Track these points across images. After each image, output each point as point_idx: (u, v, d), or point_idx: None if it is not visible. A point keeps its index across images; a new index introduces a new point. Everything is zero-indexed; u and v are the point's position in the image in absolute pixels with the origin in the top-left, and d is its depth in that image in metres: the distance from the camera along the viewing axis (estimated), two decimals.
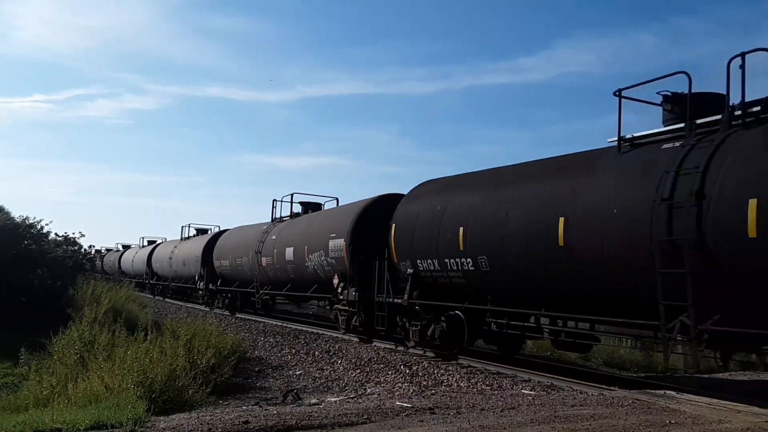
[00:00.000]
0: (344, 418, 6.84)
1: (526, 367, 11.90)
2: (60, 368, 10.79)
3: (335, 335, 16.73)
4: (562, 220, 9.36)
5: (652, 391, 8.87)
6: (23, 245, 20.67)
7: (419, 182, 13.67)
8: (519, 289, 10.65)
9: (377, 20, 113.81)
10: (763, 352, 8.68)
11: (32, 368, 11.15)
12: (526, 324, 10.88)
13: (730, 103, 8.14)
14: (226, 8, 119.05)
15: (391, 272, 13.71)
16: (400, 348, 13.81)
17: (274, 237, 20.57)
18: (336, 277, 16.11)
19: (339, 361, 12.94)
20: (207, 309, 26.37)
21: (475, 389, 9.71)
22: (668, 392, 8.69)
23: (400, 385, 10.47)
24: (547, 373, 11.19)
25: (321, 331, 17.89)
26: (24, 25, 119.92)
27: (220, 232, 28.21)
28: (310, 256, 17.66)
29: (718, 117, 8.28)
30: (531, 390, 9.33)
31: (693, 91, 8.56)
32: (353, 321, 15.39)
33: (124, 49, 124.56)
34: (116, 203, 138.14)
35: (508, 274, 10.62)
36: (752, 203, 7.04)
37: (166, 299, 33.45)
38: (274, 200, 22.72)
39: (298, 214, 21.49)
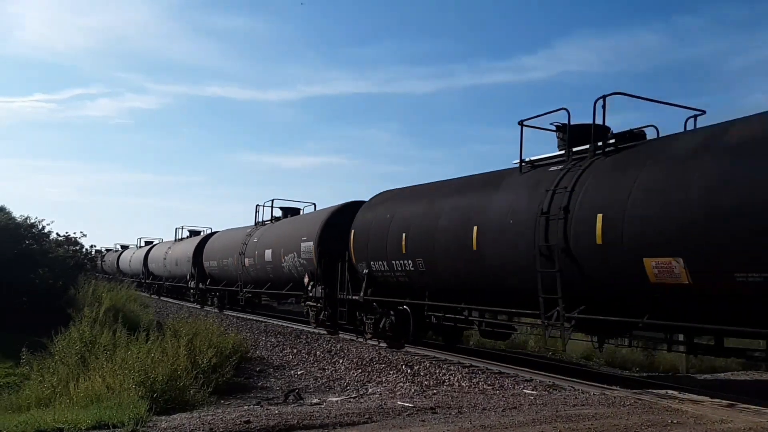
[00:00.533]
0: (346, 418, 6.84)
1: (527, 366, 11.90)
2: (61, 368, 10.78)
3: (307, 329, 18.13)
4: (475, 228, 11.25)
5: (654, 391, 8.87)
6: (24, 245, 20.66)
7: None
8: (448, 287, 12.40)
9: (378, 19, 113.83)
10: (632, 336, 10.48)
11: (34, 368, 11.15)
12: (457, 317, 12.55)
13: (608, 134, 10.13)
14: (227, 7, 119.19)
15: (350, 272, 15.52)
16: (360, 339, 15.37)
17: (255, 240, 22.34)
18: (307, 276, 17.71)
19: (340, 361, 12.94)
20: (198, 307, 27.73)
21: (476, 389, 9.70)
22: (670, 392, 8.69)
23: (401, 384, 10.46)
24: (548, 372, 11.20)
25: (293, 326, 19.56)
26: (25, 25, 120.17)
27: (210, 234, 29.88)
28: (285, 257, 19.28)
29: (587, 146, 10.13)
30: (533, 390, 9.32)
31: (602, 122, 10.18)
32: (321, 315, 17.20)
33: (125, 49, 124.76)
34: (117, 203, 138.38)
35: (439, 274, 12.46)
36: (599, 217, 8.92)
37: (162, 298, 34.51)
38: (257, 205, 24.41)
39: (278, 218, 23.21)
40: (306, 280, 17.74)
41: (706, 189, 7.76)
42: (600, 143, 10.05)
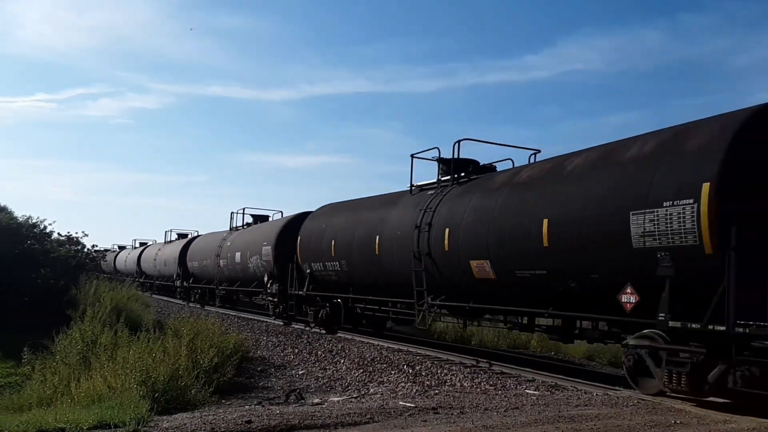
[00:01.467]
0: (347, 418, 6.82)
1: (529, 366, 11.87)
2: (63, 368, 10.78)
3: (267, 320, 21.08)
4: (377, 237, 14.48)
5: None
6: (26, 245, 20.66)
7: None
8: (363, 284, 15.63)
9: (380, 18, 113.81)
10: (485, 320, 13.31)
11: (35, 368, 11.14)
12: (375, 308, 15.61)
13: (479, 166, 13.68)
14: (228, 7, 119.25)
15: (298, 272, 18.64)
16: (308, 328, 18.35)
17: (229, 243, 25.46)
18: (266, 275, 20.99)
19: (341, 361, 12.92)
20: (184, 303, 30.51)
21: (478, 389, 9.68)
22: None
23: (403, 384, 10.44)
24: (551, 372, 11.17)
25: (258, 318, 22.26)
26: (26, 24, 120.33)
27: (194, 238, 33.16)
28: (251, 259, 22.49)
29: (449, 177, 13.56)
30: (535, 390, 9.30)
31: (457, 157, 13.54)
32: (277, 309, 20.45)
33: (126, 48, 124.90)
34: (118, 202, 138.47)
35: (356, 273, 15.69)
36: (447, 230, 12.19)
37: (153, 295, 36.09)
38: (232, 212, 28.36)
39: (250, 224, 26.41)
40: (266, 278, 20.97)
41: (499, 212, 11.00)
42: (456, 175, 13.39)
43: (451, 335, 18.41)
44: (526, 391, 9.25)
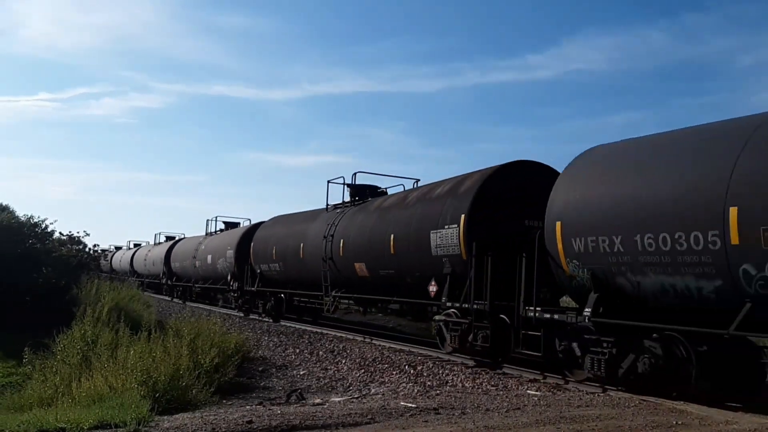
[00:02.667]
0: (348, 418, 6.81)
1: (531, 367, 11.85)
2: (63, 368, 10.77)
3: (232, 313, 24.47)
4: (302, 244, 18.76)
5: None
6: (28, 244, 20.68)
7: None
8: (295, 281, 20.07)
9: (383, 17, 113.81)
10: (378, 309, 17.06)
11: (36, 367, 11.14)
12: (306, 300, 19.52)
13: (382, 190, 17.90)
14: (231, 6, 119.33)
15: (251, 272, 22.81)
16: (260, 317, 22.29)
17: (203, 247, 29.70)
18: (229, 275, 25.29)
19: (343, 361, 12.92)
20: (168, 299, 34.53)
21: (480, 389, 9.66)
22: (675, 392, 8.63)
23: (404, 385, 10.43)
24: (553, 373, 11.13)
25: (221, 310, 25.97)
26: (29, 24, 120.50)
27: (178, 240, 37.50)
28: (218, 261, 26.78)
29: (349, 199, 17.90)
30: (536, 390, 9.28)
31: (355, 184, 18.01)
32: (237, 302, 24.79)
33: (129, 48, 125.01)
34: (121, 201, 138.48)
35: (290, 273, 20.07)
36: (342, 241, 16.12)
37: (144, 292, 37.29)
38: (207, 219, 33.42)
39: (222, 230, 30.64)
40: (229, 277, 25.40)
41: (370, 227, 15.09)
42: (354, 198, 17.68)
43: None
44: (528, 391, 9.23)
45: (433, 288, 12.58)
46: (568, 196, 9.67)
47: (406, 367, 11.73)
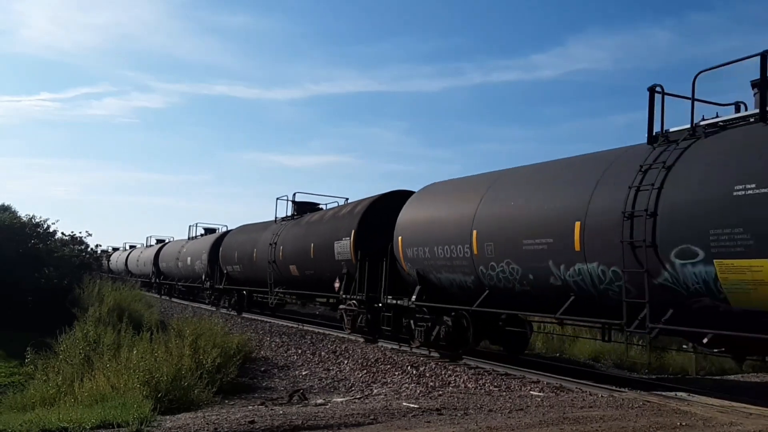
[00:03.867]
0: (351, 419, 6.80)
1: (534, 368, 11.83)
2: (66, 367, 10.76)
3: (204, 307, 28.02)
4: (255, 249, 22.70)
5: (663, 393, 8.79)
6: (30, 244, 20.72)
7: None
8: (250, 280, 23.94)
9: (385, 16, 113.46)
10: (319, 303, 21.57)
11: (38, 367, 11.13)
12: (258, 295, 23.77)
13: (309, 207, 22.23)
14: (232, 5, 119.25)
15: (220, 272, 26.98)
16: (228, 311, 25.51)
17: (185, 250, 33.66)
18: (204, 274, 29.29)
19: (345, 362, 12.89)
20: (158, 295, 37.63)
21: (482, 390, 9.64)
22: (679, 394, 8.62)
23: (406, 385, 10.40)
24: (555, 374, 11.12)
25: (198, 305, 29.87)
26: (31, 23, 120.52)
27: (165, 243, 41.57)
28: (196, 262, 30.92)
29: (290, 214, 21.85)
30: (540, 391, 9.25)
31: (298, 200, 22.06)
32: (210, 298, 29.07)
33: (131, 47, 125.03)
34: (123, 202, 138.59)
35: (247, 273, 24.02)
36: (281, 248, 20.33)
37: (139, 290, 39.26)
38: (189, 225, 38.72)
39: (202, 235, 34.15)
40: (203, 277, 29.30)
41: (301, 237, 19.24)
42: (295, 213, 21.65)
43: None
44: (531, 392, 9.21)
45: (336, 284, 16.61)
46: (406, 218, 13.84)
47: (409, 367, 11.71)
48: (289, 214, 21.95)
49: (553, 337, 16.85)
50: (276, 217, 22.40)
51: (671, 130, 9.06)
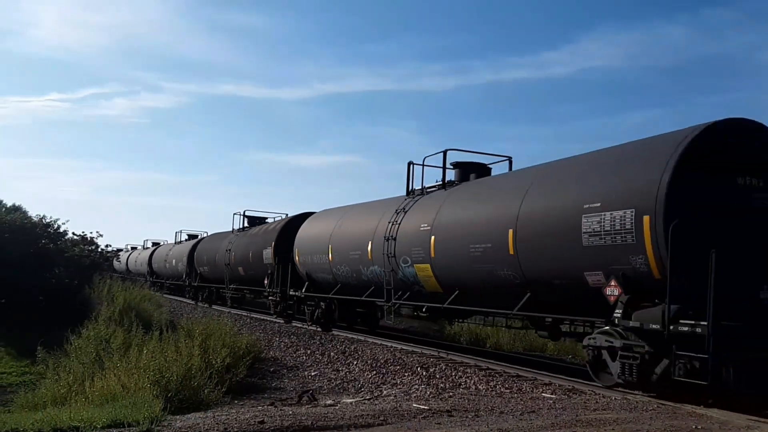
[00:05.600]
0: (360, 420, 6.75)
1: (546, 369, 11.75)
2: (77, 367, 10.79)
3: (185, 300, 33.47)
4: (216, 255, 28.69)
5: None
6: (40, 244, 20.79)
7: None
8: (217, 279, 29.27)
9: (394, 14, 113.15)
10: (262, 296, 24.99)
11: (50, 366, 11.17)
12: (225, 292, 28.22)
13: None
14: (240, 4, 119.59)
15: (196, 272, 32.60)
16: (204, 305, 30.58)
17: (171, 252, 39.76)
18: (184, 274, 34.58)
19: (354, 362, 12.86)
20: (153, 292, 42.70)
21: (494, 392, 9.57)
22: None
23: (416, 387, 10.35)
24: (568, 376, 11.03)
25: (181, 299, 34.90)
26: (40, 23, 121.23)
27: (157, 246, 47.70)
28: (179, 264, 36.41)
29: (240, 228, 28.09)
30: (552, 393, 9.17)
31: (249, 215, 28.51)
32: (190, 293, 34.21)
33: (139, 47, 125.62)
34: (132, 202, 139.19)
35: (214, 273, 29.45)
36: (234, 253, 26.60)
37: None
38: (176, 232, 44.75)
39: (186, 240, 39.99)
40: (184, 276, 34.92)
41: (245, 245, 25.20)
42: (243, 226, 27.51)
43: (466, 338, 18.36)
44: (543, 394, 9.13)
45: (266, 281, 22.09)
46: (300, 235, 19.83)
47: (419, 368, 11.65)
48: (242, 227, 27.69)
49: (566, 340, 16.75)
50: (233, 229, 28.25)
51: (420, 187, 14.98)
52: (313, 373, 12.29)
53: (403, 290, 14.15)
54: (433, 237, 12.61)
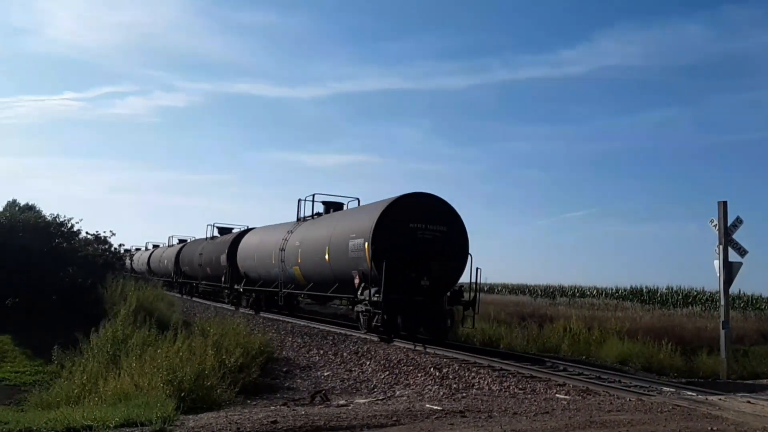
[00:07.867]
0: (373, 420, 6.74)
1: (560, 371, 11.67)
2: (91, 366, 10.84)
3: (174, 294, 33.46)
4: (190, 257, 35.99)
5: (693, 396, 8.60)
6: (54, 243, 20.94)
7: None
8: (197, 277, 34.90)
9: (408, 13, 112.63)
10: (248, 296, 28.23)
11: (66, 366, 11.23)
12: (205, 286, 34.97)
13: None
14: (256, 3, 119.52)
15: (181, 270, 38.17)
16: (187, 297, 34.67)
17: (164, 254, 44.24)
18: (172, 271, 39.01)
19: (367, 363, 12.84)
20: (180, 295, 42.59)
21: (507, 393, 9.52)
22: (710, 398, 8.42)
23: (429, 387, 10.32)
24: (582, 377, 10.95)
25: (174, 294, 34.34)
26: (55, 22, 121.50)
27: (186, 243, 47.39)
28: (169, 264, 41.07)
29: (207, 237, 34.68)
30: (566, 394, 9.11)
31: (222, 227, 34.94)
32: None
33: (154, 46, 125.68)
34: (146, 201, 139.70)
35: (195, 273, 34.90)
36: (202, 257, 33.81)
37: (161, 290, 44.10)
38: (169, 236, 47.27)
39: (177, 244, 43.47)
40: (172, 273, 39.18)
41: (211, 252, 32.09)
42: (213, 236, 33.62)
43: (479, 339, 18.32)
44: (557, 395, 9.07)
45: (223, 279, 28.33)
46: (241, 245, 26.64)
47: (432, 369, 11.62)
48: (212, 236, 33.48)
49: (579, 340, 16.71)
50: (206, 237, 34.08)
51: (303, 216, 22.15)
52: (325, 374, 12.29)
53: (290, 283, 21.61)
54: (300, 250, 19.98)
